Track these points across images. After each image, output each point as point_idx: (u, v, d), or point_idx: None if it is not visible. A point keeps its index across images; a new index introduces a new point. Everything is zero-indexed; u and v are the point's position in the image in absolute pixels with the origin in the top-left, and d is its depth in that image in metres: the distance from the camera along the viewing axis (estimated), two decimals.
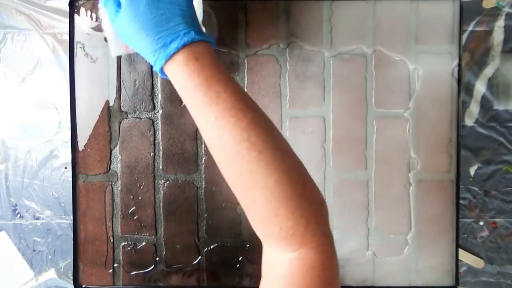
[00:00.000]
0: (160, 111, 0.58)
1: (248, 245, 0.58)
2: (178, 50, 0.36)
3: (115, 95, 0.58)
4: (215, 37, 0.55)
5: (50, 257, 0.59)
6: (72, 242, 0.58)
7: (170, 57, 0.37)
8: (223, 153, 0.37)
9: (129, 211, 0.58)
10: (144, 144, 0.58)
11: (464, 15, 0.57)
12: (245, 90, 0.57)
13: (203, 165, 0.58)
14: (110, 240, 0.58)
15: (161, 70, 0.38)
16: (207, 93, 0.36)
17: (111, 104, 0.58)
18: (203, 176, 0.58)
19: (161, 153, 0.58)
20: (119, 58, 0.57)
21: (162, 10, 0.37)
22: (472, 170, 0.58)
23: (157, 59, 0.37)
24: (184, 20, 0.37)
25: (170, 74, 0.38)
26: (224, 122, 0.35)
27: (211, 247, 0.58)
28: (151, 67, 0.57)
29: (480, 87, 0.57)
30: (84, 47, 0.57)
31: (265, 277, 0.38)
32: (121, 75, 0.57)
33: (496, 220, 0.58)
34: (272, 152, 0.35)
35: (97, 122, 0.58)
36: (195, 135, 0.57)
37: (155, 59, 0.37)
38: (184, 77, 0.36)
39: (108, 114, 0.58)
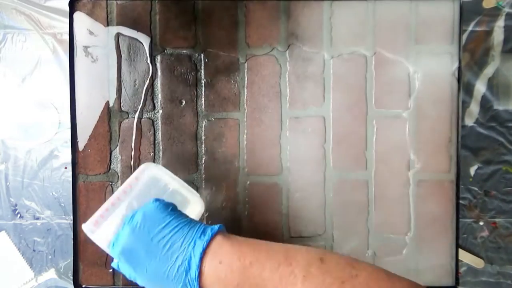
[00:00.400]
0: (160, 111, 0.58)
1: None
2: (200, 269, 0.37)
3: (115, 95, 0.58)
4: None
5: (50, 257, 0.59)
6: (72, 242, 0.58)
7: (199, 277, 0.37)
8: None
9: None
10: (144, 144, 0.58)
11: (464, 15, 0.57)
12: (245, 90, 0.57)
13: (203, 165, 0.58)
14: None
15: None
16: (251, 284, 0.36)
17: (111, 104, 0.58)
18: (203, 176, 0.58)
19: (161, 153, 0.58)
20: (119, 57, 0.57)
21: (160, 246, 0.38)
22: (472, 170, 0.58)
23: (191, 287, 0.37)
24: (183, 234, 0.38)
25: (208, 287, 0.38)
26: None
27: None
28: (151, 67, 0.57)
29: (480, 87, 0.57)
30: (85, 48, 0.57)
31: None
32: (121, 75, 0.57)
33: (496, 220, 0.58)
34: None
35: (97, 122, 0.58)
36: (195, 135, 0.57)
37: None
38: (222, 284, 0.37)
39: (108, 114, 0.58)
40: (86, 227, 0.45)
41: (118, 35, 0.57)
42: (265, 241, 0.40)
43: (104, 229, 0.44)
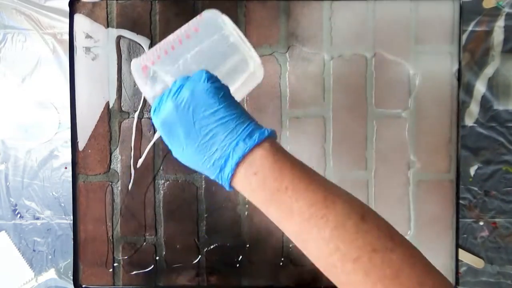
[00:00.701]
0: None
1: (248, 245, 0.58)
2: (234, 171, 0.34)
3: (115, 95, 0.58)
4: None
5: (50, 257, 0.59)
6: (72, 242, 0.58)
7: (231, 178, 0.35)
8: (316, 263, 0.33)
9: (129, 211, 0.58)
10: (144, 144, 0.58)
11: (464, 15, 0.57)
12: None
13: None
14: (110, 240, 0.58)
15: (231, 187, 0.36)
16: (279, 208, 0.33)
17: (111, 104, 0.58)
18: (203, 176, 0.58)
19: (161, 153, 0.58)
20: (119, 57, 0.57)
21: (202, 133, 0.35)
22: (472, 170, 0.58)
23: (222, 183, 0.36)
24: (228, 129, 0.35)
25: (238, 190, 0.36)
26: (306, 236, 0.32)
27: (211, 247, 0.58)
28: None
29: (480, 87, 0.57)
30: (85, 48, 0.57)
31: None
32: (121, 75, 0.57)
33: (496, 220, 0.58)
34: (370, 257, 0.30)
35: (97, 122, 0.58)
36: None
37: (221, 183, 0.36)
38: (250, 194, 0.35)
39: (108, 114, 0.58)
40: (136, 65, 0.40)
41: (118, 37, 0.57)
42: (311, 169, 0.35)
43: (154, 75, 0.39)
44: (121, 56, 0.57)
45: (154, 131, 0.58)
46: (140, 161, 0.57)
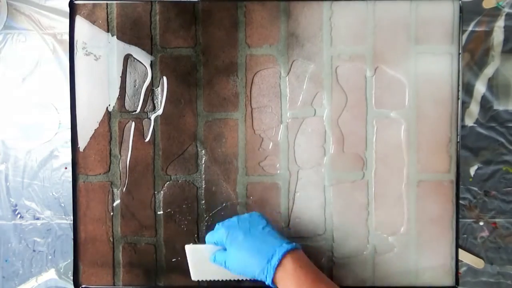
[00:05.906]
0: (160, 111, 0.58)
1: None
2: (281, 260, 0.45)
3: (115, 96, 0.58)
4: None
5: (50, 257, 0.59)
6: (72, 242, 0.58)
7: (277, 267, 0.44)
8: None
9: (129, 211, 0.58)
10: (144, 144, 0.58)
11: (464, 15, 0.57)
12: (245, 90, 0.57)
13: (203, 165, 0.58)
14: (110, 240, 0.58)
15: (272, 281, 0.45)
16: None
17: (111, 104, 0.58)
18: (203, 176, 0.58)
19: (161, 153, 0.58)
20: (119, 58, 0.57)
21: (258, 239, 0.48)
22: (472, 170, 0.58)
23: (267, 273, 0.45)
24: (274, 236, 0.48)
25: (281, 283, 0.45)
26: None
27: None
28: (151, 67, 0.57)
29: (480, 87, 0.57)
30: (85, 48, 0.57)
31: None
32: (122, 76, 0.57)
33: (496, 220, 0.58)
34: None
35: (97, 122, 0.58)
36: (195, 135, 0.57)
37: (265, 275, 0.45)
38: (294, 283, 0.44)
39: (108, 114, 0.58)
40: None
41: (127, 56, 0.57)
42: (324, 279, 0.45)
43: None
44: (121, 57, 0.57)
45: (155, 133, 0.58)
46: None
